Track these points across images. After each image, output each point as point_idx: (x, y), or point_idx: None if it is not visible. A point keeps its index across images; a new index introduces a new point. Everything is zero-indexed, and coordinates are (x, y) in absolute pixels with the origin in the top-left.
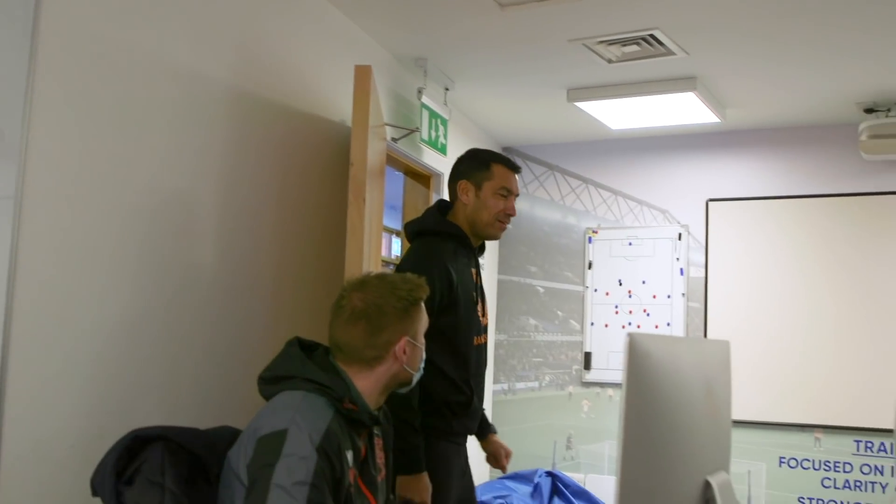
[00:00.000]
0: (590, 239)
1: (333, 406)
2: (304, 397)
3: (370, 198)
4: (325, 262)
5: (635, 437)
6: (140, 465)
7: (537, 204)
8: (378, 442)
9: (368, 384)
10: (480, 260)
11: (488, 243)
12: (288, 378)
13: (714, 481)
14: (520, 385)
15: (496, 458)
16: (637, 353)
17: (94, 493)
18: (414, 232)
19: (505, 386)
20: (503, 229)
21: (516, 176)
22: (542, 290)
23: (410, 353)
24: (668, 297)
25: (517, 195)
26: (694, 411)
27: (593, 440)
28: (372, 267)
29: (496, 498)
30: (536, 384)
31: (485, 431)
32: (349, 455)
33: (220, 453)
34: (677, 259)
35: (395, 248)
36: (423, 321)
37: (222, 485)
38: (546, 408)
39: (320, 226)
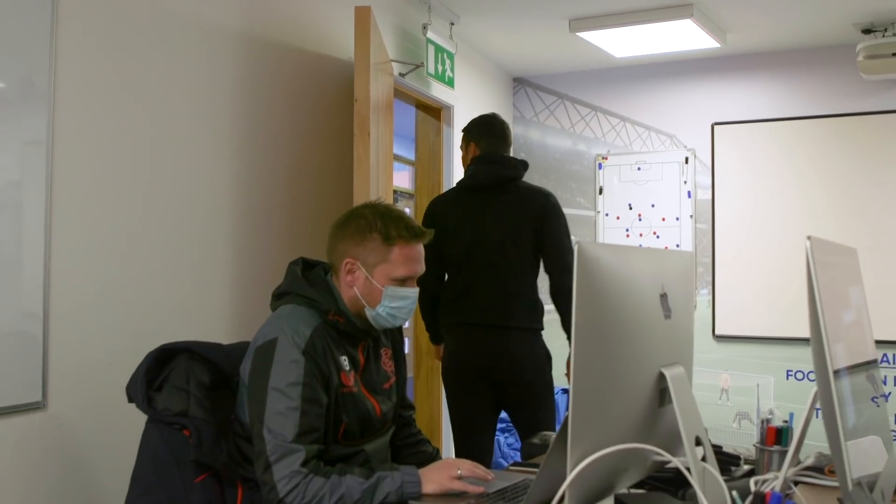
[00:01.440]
0: (600, 165)
1: (321, 317)
2: (293, 309)
3: (376, 131)
4: (335, 192)
5: (586, 337)
6: (168, 374)
7: (548, 132)
8: (386, 352)
9: (349, 297)
10: None
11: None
12: (286, 294)
13: (668, 373)
14: None
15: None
16: (586, 260)
17: (130, 399)
18: None
19: None
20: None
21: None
22: None
23: (361, 282)
24: (677, 219)
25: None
26: (645, 312)
27: None
28: (382, 195)
29: None
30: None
31: None
32: (344, 361)
33: (238, 363)
34: (685, 182)
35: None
36: (387, 261)
37: (238, 392)
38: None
39: (331, 159)
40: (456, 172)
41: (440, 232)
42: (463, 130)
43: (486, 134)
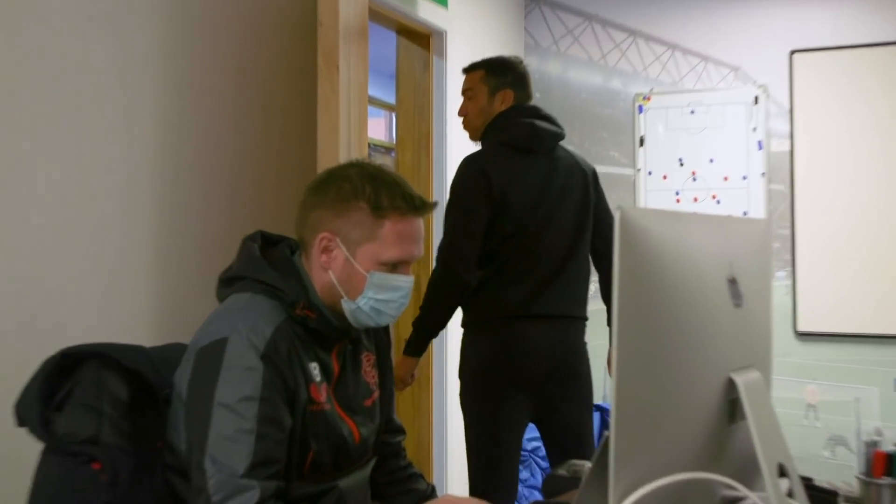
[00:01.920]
0: (640, 108)
1: (286, 311)
2: (250, 299)
3: (347, 64)
4: (294, 146)
5: (632, 333)
6: (72, 387)
7: (572, 65)
8: (368, 358)
9: (323, 284)
10: None
11: None
12: (240, 279)
13: (740, 379)
14: None
15: None
16: (631, 231)
17: (20, 422)
18: None
19: None
20: None
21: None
22: None
23: (339, 265)
24: (744, 178)
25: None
26: (709, 299)
27: None
28: (354, 151)
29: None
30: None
31: None
32: (315, 370)
33: (169, 372)
34: (754, 129)
35: (392, 127)
36: (375, 238)
37: (171, 410)
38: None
39: (288, 102)
40: (451, 120)
41: (496, 202)
42: (487, 68)
43: (523, 83)
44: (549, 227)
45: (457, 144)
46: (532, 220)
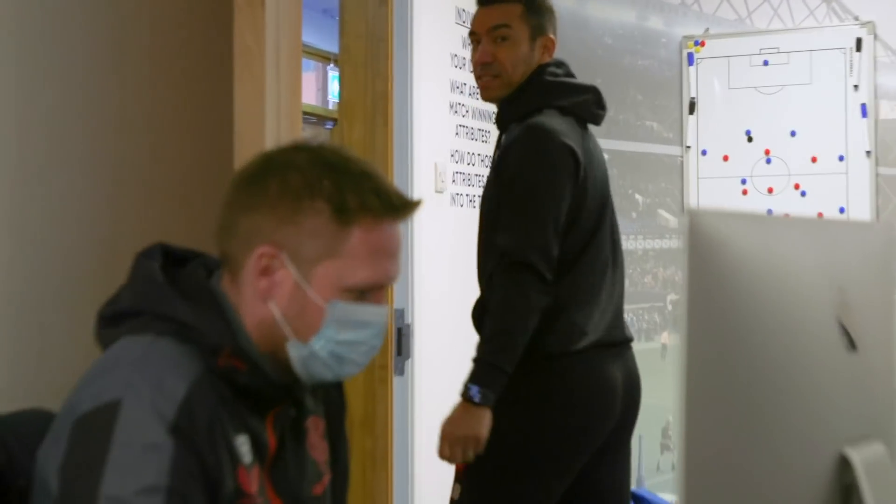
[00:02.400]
0: (690, 57)
1: (204, 361)
2: (152, 345)
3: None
4: (200, 118)
5: (703, 386)
6: None
7: None
8: (316, 425)
9: (258, 320)
10: None
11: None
12: (134, 315)
13: (857, 456)
14: None
15: None
16: (705, 245)
17: None
18: None
19: None
20: None
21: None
22: (605, 156)
23: (286, 292)
24: (840, 158)
25: None
26: (810, 342)
27: None
28: (284, 125)
29: None
30: None
31: None
32: (242, 444)
33: (26, 452)
34: (855, 88)
35: (329, 86)
36: (339, 253)
37: (32, 501)
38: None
39: (192, 56)
40: (420, 78)
41: (579, 194)
42: (526, 2)
43: (556, 28)
44: (608, 224)
45: (427, 111)
46: (603, 218)
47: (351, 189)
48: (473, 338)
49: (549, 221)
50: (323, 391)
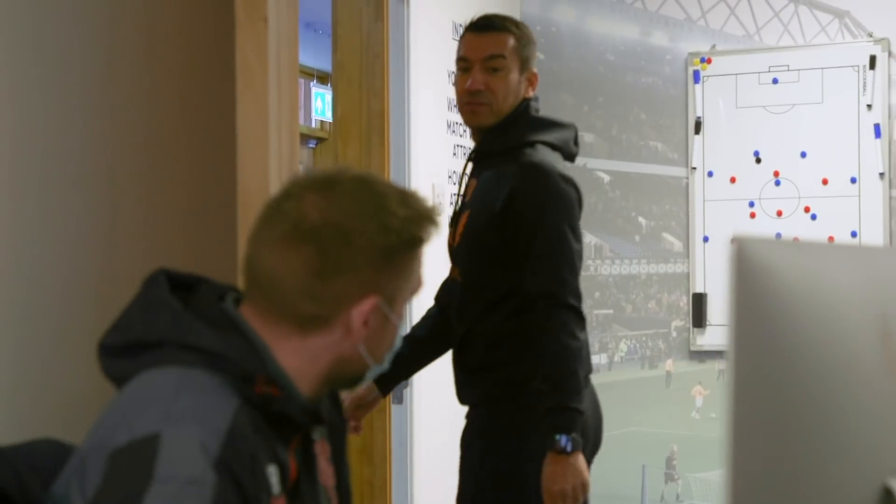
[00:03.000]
0: (696, 75)
1: (238, 390)
2: (183, 378)
3: (277, 15)
4: (203, 131)
5: (753, 418)
6: None
7: (592, 8)
8: (323, 450)
9: (297, 364)
10: None
11: None
12: (152, 346)
13: None
14: None
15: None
16: (751, 274)
17: None
18: None
19: None
20: None
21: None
22: (606, 177)
23: (376, 329)
24: (853, 180)
25: None
26: (856, 370)
27: (717, 462)
28: (284, 146)
29: None
30: (604, 359)
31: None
32: (272, 474)
33: (38, 482)
34: (868, 107)
35: (319, 105)
36: (414, 280)
37: None
38: (624, 403)
39: (190, 75)
40: (417, 95)
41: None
42: (518, 35)
43: None
44: None
45: (424, 130)
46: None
47: (415, 219)
48: None
49: (575, 262)
50: (333, 420)
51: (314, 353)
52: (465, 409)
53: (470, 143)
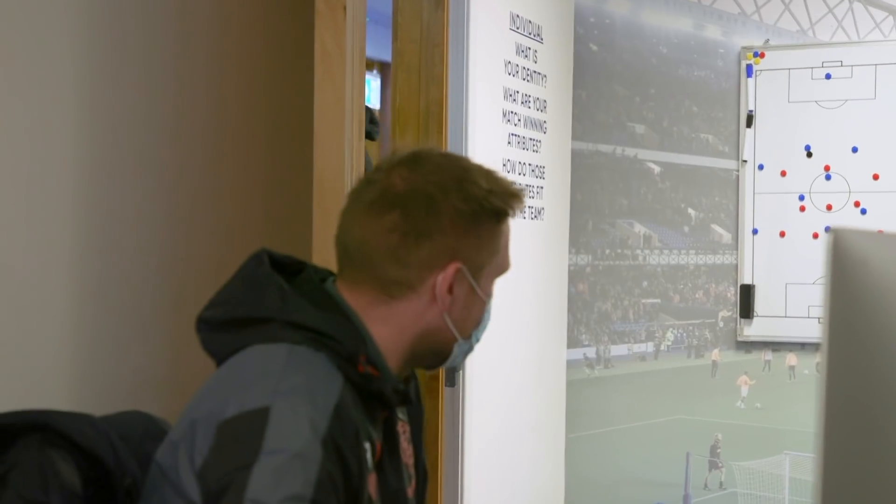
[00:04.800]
0: (749, 69)
1: (341, 369)
2: (292, 354)
3: (353, 3)
4: (281, 119)
5: (846, 407)
6: (6, 471)
7: (645, 2)
8: (403, 428)
9: (385, 334)
10: None
11: None
12: (258, 322)
13: None
14: (618, 350)
15: None
16: (847, 265)
17: None
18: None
19: (590, 351)
20: None
21: None
22: (657, 168)
23: (462, 299)
24: None
25: None
26: None
27: (761, 451)
28: (355, 128)
29: None
30: (650, 347)
31: None
32: (367, 451)
33: (129, 452)
34: None
35: (368, 92)
36: (500, 256)
37: (147, 502)
38: (670, 391)
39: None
40: (475, 85)
41: None
42: None
43: None
44: None
45: (482, 120)
46: None
47: (498, 192)
48: (525, 351)
49: None
50: (405, 397)
51: (401, 323)
52: (519, 393)
53: (525, 133)
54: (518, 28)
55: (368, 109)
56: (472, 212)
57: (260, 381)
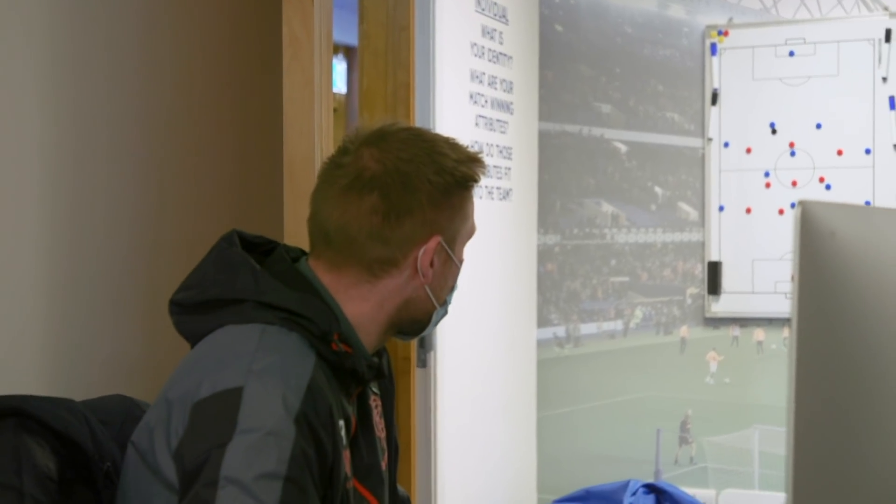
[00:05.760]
0: (713, 47)
1: (314, 347)
2: (264, 334)
3: None
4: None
5: (815, 377)
6: None
7: None
8: (375, 403)
9: (366, 310)
10: None
11: None
12: (230, 303)
13: None
14: (587, 328)
15: None
16: (816, 237)
17: None
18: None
19: (560, 330)
20: None
21: None
22: (623, 148)
23: (440, 270)
24: (867, 152)
25: None
26: None
27: (729, 425)
28: (324, 111)
29: None
30: (619, 325)
31: None
32: (341, 428)
33: (109, 437)
34: (884, 80)
35: (335, 76)
36: (469, 220)
37: (124, 485)
38: (640, 368)
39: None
40: (442, 68)
41: None
42: None
43: None
44: None
45: (449, 102)
46: None
47: (465, 160)
48: (496, 331)
49: None
50: (377, 370)
51: (383, 298)
52: (490, 373)
53: (492, 115)
54: (483, 10)
55: None
56: (445, 184)
57: (233, 362)
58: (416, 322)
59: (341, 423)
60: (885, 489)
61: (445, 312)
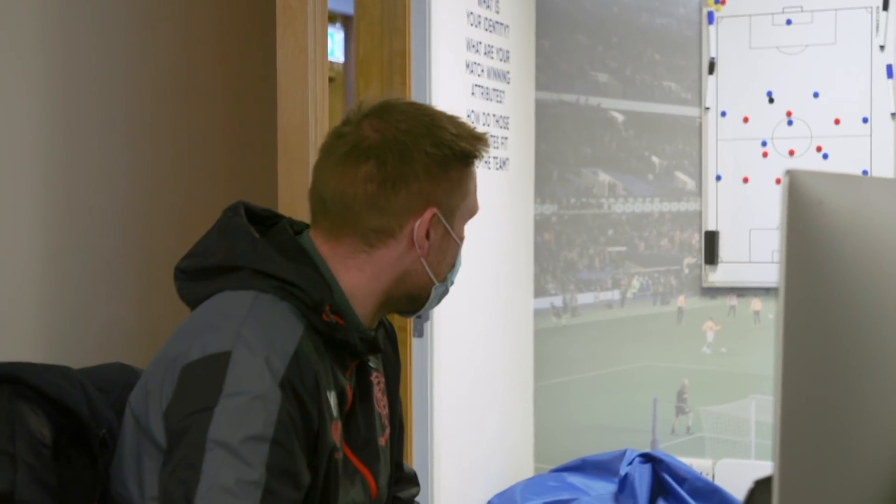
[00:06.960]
0: (710, 16)
1: (305, 317)
2: (256, 301)
3: None
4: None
5: (803, 349)
6: None
7: None
8: (378, 380)
9: (362, 280)
10: None
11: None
12: (229, 270)
13: None
14: (584, 298)
15: None
16: (804, 206)
17: None
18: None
19: (557, 300)
20: None
21: None
22: (620, 117)
23: (438, 243)
24: (865, 120)
25: None
26: None
27: (727, 395)
28: (319, 81)
29: None
30: (616, 295)
31: None
32: (332, 399)
33: (106, 404)
34: (881, 48)
35: (332, 45)
36: (469, 197)
37: (121, 449)
38: (637, 338)
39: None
40: (438, 36)
41: None
42: None
43: None
44: None
45: (445, 71)
46: None
47: (465, 136)
48: (493, 301)
49: None
50: (381, 345)
51: (379, 269)
52: (487, 343)
53: (489, 84)
54: None
55: None
56: (442, 156)
57: (223, 326)
58: (414, 298)
59: (332, 394)
60: (872, 459)
61: (446, 291)
